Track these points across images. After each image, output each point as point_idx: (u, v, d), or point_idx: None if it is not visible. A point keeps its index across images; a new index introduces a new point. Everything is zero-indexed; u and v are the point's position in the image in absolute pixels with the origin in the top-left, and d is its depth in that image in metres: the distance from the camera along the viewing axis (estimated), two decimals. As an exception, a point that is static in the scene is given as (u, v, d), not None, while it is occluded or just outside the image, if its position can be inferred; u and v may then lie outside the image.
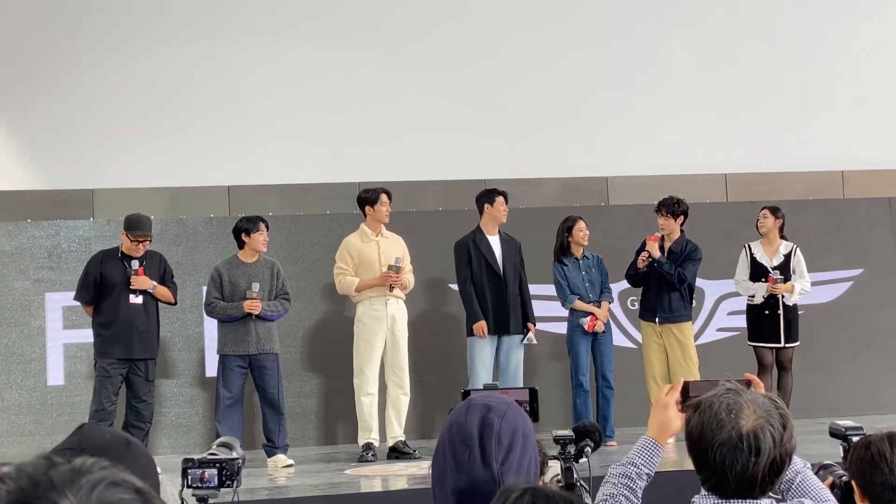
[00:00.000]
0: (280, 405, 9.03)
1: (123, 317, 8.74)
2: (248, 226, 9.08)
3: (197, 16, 11.11)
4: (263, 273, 9.04)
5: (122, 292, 8.77)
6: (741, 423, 2.56)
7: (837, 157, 11.85)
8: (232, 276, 9.00)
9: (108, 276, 8.79)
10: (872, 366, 11.28)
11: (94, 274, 8.82)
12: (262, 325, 8.98)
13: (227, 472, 2.65)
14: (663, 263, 9.58)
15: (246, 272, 9.01)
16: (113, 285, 8.77)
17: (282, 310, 9.13)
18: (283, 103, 11.10)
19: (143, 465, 2.21)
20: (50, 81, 10.78)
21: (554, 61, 11.62)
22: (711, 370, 9.82)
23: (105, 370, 8.73)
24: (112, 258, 8.88)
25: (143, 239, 8.83)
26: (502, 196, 9.63)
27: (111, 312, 8.76)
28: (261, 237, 9.05)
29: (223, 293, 8.99)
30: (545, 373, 10.56)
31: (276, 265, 9.19)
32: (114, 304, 8.76)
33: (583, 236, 9.76)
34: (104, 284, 8.79)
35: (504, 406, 2.41)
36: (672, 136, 11.74)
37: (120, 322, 8.74)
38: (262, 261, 9.12)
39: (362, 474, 8.48)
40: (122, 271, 8.79)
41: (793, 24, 12.11)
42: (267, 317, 8.99)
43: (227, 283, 8.99)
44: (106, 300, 8.80)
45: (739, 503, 2.60)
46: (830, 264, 11.38)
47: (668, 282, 9.61)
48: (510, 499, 2.03)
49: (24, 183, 10.60)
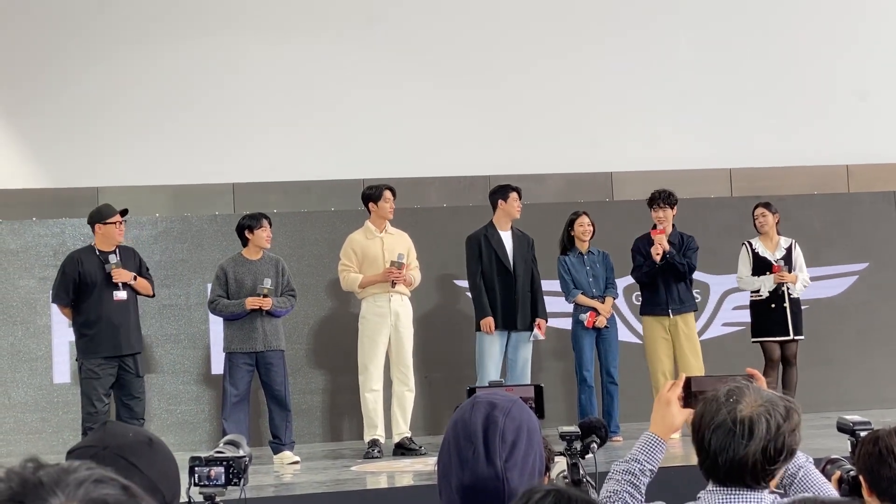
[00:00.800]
0: (286, 402, 9.03)
1: (107, 314, 8.57)
2: (252, 223, 9.06)
3: (201, 13, 11.12)
4: (269, 270, 9.04)
5: (103, 289, 8.60)
6: (739, 408, 2.57)
7: (842, 151, 11.85)
8: (237, 273, 9.00)
9: (87, 275, 8.60)
10: (878, 360, 11.28)
11: (72, 274, 8.61)
12: (268, 322, 8.98)
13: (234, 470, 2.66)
14: (675, 255, 9.63)
15: (251, 269, 9.01)
16: (93, 283, 8.59)
17: (288, 306, 9.14)
18: (286, 100, 11.11)
19: (165, 465, 2.22)
20: (54, 80, 10.79)
21: (557, 57, 11.62)
22: (717, 364, 9.84)
23: (93, 371, 8.54)
24: (88, 256, 8.69)
25: (122, 219, 8.70)
26: (516, 192, 9.63)
27: (94, 311, 8.58)
28: (264, 234, 9.04)
29: (228, 291, 8.98)
30: (550, 369, 10.57)
31: (281, 262, 9.19)
32: (96, 302, 8.59)
33: (583, 231, 9.77)
34: (83, 283, 8.60)
35: (509, 403, 2.42)
36: (676, 132, 11.73)
37: (104, 320, 8.56)
38: (266, 258, 9.12)
39: (368, 471, 8.49)
40: (99, 268, 8.61)
41: (796, 18, 12.10)
42: (275, 313, 9.00)
43: (232, 280, 8.99)
44: (87, 299, 8.61)
45: (741, 495, 2.61)
46: (835, 259, 11.38)
47: (676, 273, 9.66)
48: (532, 499, 2.03)
49: (30, 181, 10.61)
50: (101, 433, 2.22)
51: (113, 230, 8.71)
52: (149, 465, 2.17)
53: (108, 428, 2.24)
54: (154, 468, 2.18)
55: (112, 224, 8.69)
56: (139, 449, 2.18)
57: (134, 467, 2.14)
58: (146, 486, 2.12)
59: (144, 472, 2.15)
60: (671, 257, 9.63)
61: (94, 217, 8.81)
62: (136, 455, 2.17)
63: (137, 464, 2.15)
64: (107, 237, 8.72)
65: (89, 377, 8.57)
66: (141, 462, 2.16)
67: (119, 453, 2.15)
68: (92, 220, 8.82)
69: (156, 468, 2.19)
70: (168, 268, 10.30)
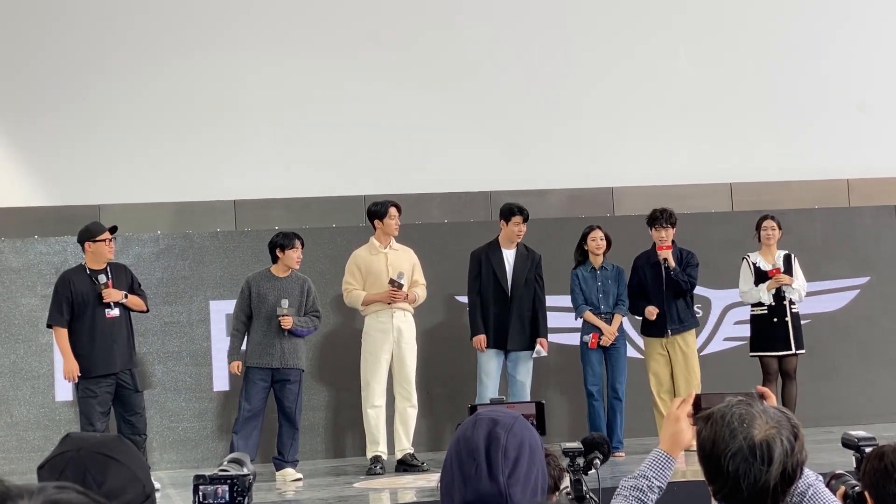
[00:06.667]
0: (296, 420, 9.06)
1: (101, 332, 8.57)
2: (284, 241, 9.10)
3: (202, 31, 11.14)
4: (293, 289, 9.07)
5: (95, 308, 8.59)
6: (753, 433, 2.56)
7: (842, 165, 11.86)
8: (262, 288, 9.04)
9: (79, 295, 8.59)
10: (879, 374, 11.28)
11: (65, 293, 8.61)
12: (287, 341, 8.99)
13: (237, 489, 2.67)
14: (679, 272, 9.66)
15: (276, 286, 9.04)
16: (85, 303, 8.59)
17: (311, 326, 9.16)
18: (288, 117, 11.13)
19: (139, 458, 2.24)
20: (56, 97, 10.82)
21: (558, 73, 11.64)
22: (719, 379, 9.84)
23: (90, 390, 8.54)
24: (79, 276, 8.68)
25: (112, 237, 8.70)
26: (520, 216, 9.58)
27: (88, 330, 8.58)
28: (295, 254, 9.08)
29: (251, 304, 9.02)
30: (555, 384, 10.56)
31: (308, 282, 9.21)
32: (89, 322, 8.58)
33: (596, 246, 9.80)
34: (76, 304, 8.60)
35: (511, 420, 2.43)
36: (677, 146, 11.75)
37: (98, 338, 8.56)
38: (293, 276, 9.15)
39: (371, 487, 8.49)
40: (91, 287, 8.61)
41: (796, 33, 12.12)
42: (297, 332, 9.01)
43: (255, 294, 9.02)
44: (80, 319, 8.60)
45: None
46: (837, 272, 11.38)
47: (676, 290, 9.67)
48: None
49: (32, 199, 10.63)
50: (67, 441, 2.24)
51: (103, 248, 8.69)
52: (126, 456, 2.19)
53: (73, 435, 2.27)
54: (131, 459, 2.20)
55: (102, 242, 8.68)
56: (112, 444, 2.21)
57: (113, 460, 2.16)
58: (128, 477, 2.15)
59: (124, 463, 2.17)
60: (675, 275, 9.66)
61: (83, 235, 8.79)
62: (112, 449, 2.19)
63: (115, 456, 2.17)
64: (97, 255, 8.70)
65: (86, 396, 8.57)
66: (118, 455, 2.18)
67: (95, 450, 2.17)
68: (81, 238, 8.81)
69: (133, 459, 2.21)
70: (170, 285, 10.31)
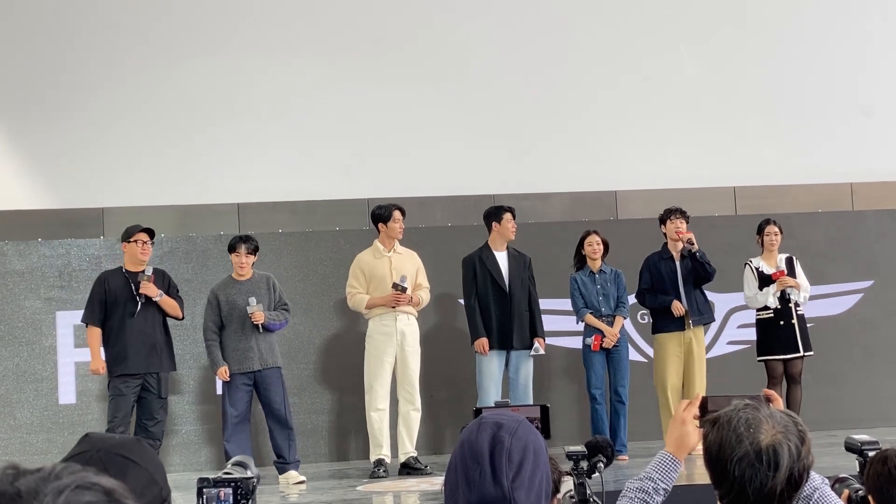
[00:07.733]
0: (287, 419, 9.00)
1: (131, 331, 8.67)
2: (231, 246, 9.14)
3: (206, 34, 11.16)
4: (260, 288, 9.04)
5: (127, 308, 8.72)
6: (760, 438, 2.55)
7: (846, 169, 11.86)
8: (228, 295, 9.01)
9: (113, 294, 8.72)
10: (883, 378, 11.27)
11: (98, 293, 8.77)
12: (263, 341, 8.97)
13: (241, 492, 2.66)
14: (704, 254, 9.66)
15: (242, 290, 9.01)
16: (117, 303, 8.72)
17: (283, 319, 9.12)
18: (291, 120, 11.14)
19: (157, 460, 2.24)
20: (59, 101, 10.83)
21: (561, 76, 11.65)
22: (722, 383, 9.82)
23: (118, 389, 8.65)
24: (116, 276, 8.82)
25: (148, 238, 8.79)
26: (510, 213, 9.64)
27: (119, 329, 8.70)
28: (237, 259, 9.04)
29: (222, 314, 8.99)
30: (558, 388, 10.56)
31: (271, 278, 9.20)
32: (120, 321, 8.70)
33: (592, 250, 9.76)
34: (109, 303, 8.74)
35: (515, 424, 2.42)
36: (680, 150, 11.75)
37: (127, 337, 8.67)
38: (256, 276, 9.12)
39: (374, 490, 8.48)
40: (127, 288, 8.73)
41: (800, 36, 12.13)
42: (270, 327, 8.98)
43: (224, 303, 9.00)
44: (111, 318, 8.74)
45: None
46: (840, 276, 11.37)
47: (697, 278, 9.63)
48: None
49: (35, 202, 10.64)
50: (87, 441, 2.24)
51: (135, 249, 8.78)
52: (144, 459, 2.20)
53: (92, 435, 2.27)
54: (150, 462, 2.21)
55: (134, 243, 8.77)
56: (131, 446, 2.21)
57: (132, 462, 2.16)
58: (146, 480, 2.15)
59: (142, 466, 2.17)
60: (702, 255, 9.63)
61: (124, 236, 8.94)
62: (130, 451, 2.19)
63: (134, 458, 2.17)
64: (131, 256, 8.82)
65: (116, 395, 8.68)
66: (136, 457, 2.19)
67: (114, 451, 2.17)
68: (123, 237, 8.95)
69: (152, 462, 2.21)
70: (173, 288, 10.31)
